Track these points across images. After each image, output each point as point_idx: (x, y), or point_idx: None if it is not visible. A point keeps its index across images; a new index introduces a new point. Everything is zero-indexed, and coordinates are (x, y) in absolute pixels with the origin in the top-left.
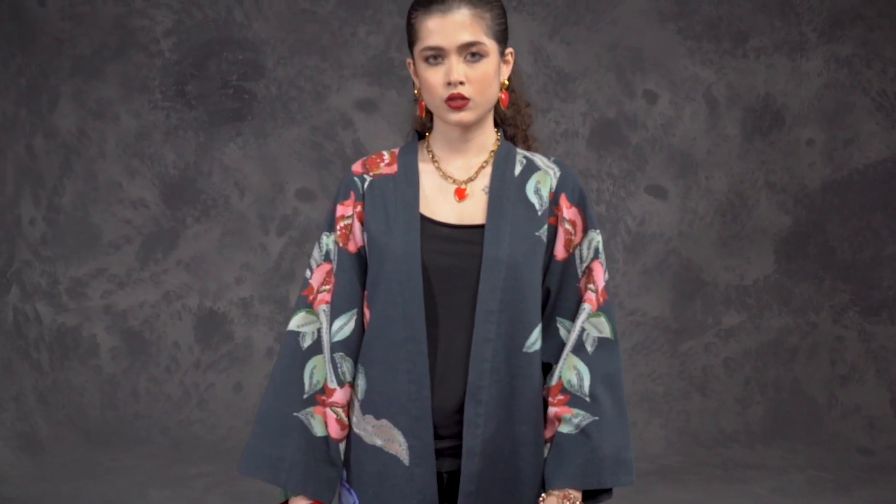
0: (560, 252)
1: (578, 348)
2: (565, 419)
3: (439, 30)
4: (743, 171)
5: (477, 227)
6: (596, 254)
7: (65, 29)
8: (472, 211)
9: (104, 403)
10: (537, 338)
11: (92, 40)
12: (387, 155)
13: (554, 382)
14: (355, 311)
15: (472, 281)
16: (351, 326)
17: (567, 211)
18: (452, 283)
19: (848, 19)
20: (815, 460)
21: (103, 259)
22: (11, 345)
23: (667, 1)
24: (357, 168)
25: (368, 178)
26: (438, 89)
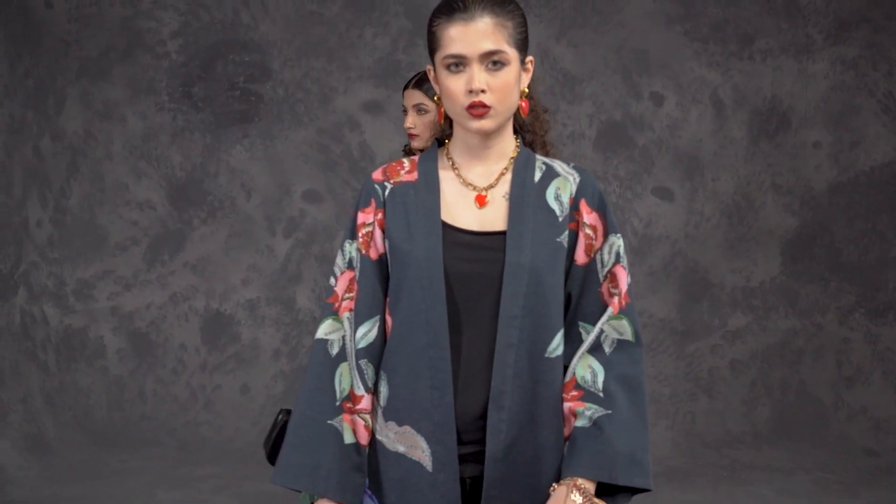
0: (581, 257)
1: (595, 348)
2: (579, 413)
3: (461, 38)
4: (749, 173)
5: (498, 234)
6: (618, 258)
7: (72, 31)
8: (493, 217)
9: (111, 405)
10: (559, 343)
11: (99, 42)
12: (407, 162)
13: (568, 379)
14: (378, 318)
15: (494, 287)
16: (374, 333)
17: (587, 216)
18: (474, 290)
19: (854, 21)
20: (822, 462)
21: (110, 261)
22: (19, 346)
23: (673, 3)
24: (377, 175)
25: (389, 186)
26: (460, 97)
